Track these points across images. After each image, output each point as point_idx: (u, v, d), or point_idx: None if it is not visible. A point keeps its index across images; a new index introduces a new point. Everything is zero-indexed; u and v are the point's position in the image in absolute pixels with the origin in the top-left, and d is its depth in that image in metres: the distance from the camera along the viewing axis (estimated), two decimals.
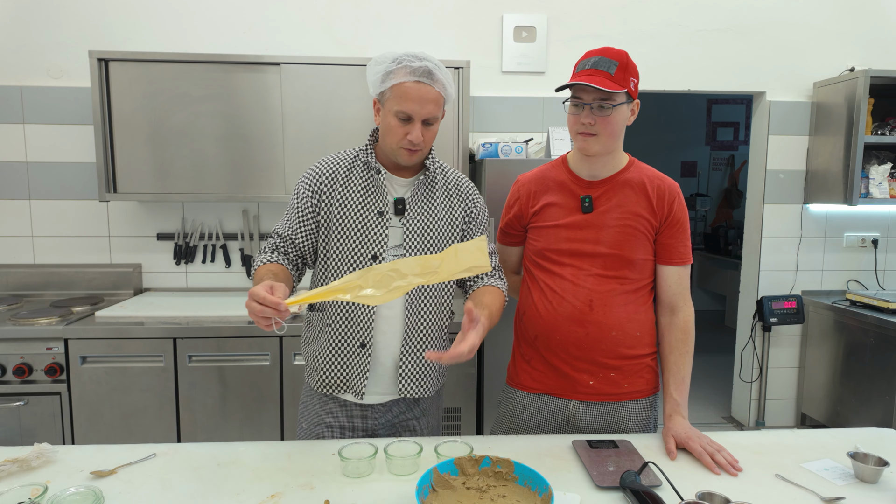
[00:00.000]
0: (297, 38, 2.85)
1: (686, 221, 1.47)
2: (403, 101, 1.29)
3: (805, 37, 3.11)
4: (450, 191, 1.48)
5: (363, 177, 1.41)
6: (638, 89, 1.40)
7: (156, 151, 2.54)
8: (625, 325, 1.43)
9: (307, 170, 1.45)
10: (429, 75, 1.30)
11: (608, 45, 1.43)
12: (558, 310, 1.44)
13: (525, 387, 1.52)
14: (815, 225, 3.25)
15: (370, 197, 1.40)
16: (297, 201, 1.43)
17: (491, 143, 2.59)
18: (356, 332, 1.39)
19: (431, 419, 1.54)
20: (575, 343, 1.43)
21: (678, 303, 1.46)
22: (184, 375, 2.34)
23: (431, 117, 1.32)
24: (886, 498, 1.10)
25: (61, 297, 2.78)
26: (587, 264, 1.44)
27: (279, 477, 1.16)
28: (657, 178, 1.47)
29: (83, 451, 1.26)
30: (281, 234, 1.44)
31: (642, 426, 1.49)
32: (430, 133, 1.35)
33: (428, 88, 1.30)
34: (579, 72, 1.38)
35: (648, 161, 1.55)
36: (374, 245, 1.38)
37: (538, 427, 1.51)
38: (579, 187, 1.47)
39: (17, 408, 2.27)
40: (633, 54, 3.29)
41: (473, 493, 1.03)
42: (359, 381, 1.40)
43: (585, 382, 1.45)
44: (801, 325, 3.28)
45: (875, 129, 3.01)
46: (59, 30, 2.75)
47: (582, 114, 1.37)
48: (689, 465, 1.24)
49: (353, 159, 1.44)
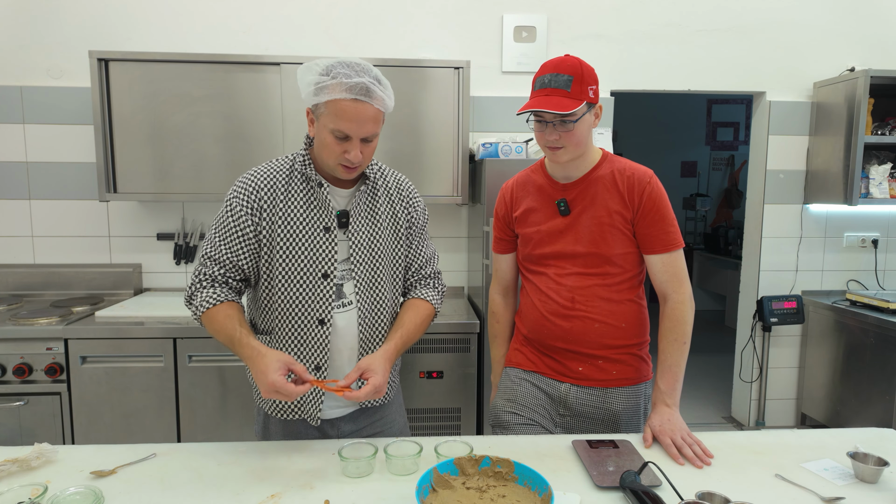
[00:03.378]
0: (296, 39, 2.85)
1: (663, 207, 1.45)
2: (339, 121, 1.20)
3: (805, 37, 3.11)
4: (391, 196, 1.43)
5: (303, 189, 1.33)
6: (598, 93, 1.42)
7: (156, 151, 2.54)
8: (608, 317, 1.48)
9: (238, 183, 1.32)
10: (366, 93, 1.20)
11: (565, 55, 1.43)
12: (545, 307, 1.51)
13: (521, 365, 1.60)
14: (815, 225, 3.25)
15: (314, 211, 1.32)
16: (234, 219, 1.30)
17: (491, 143, 2.59)
18: (309, 355, 1.34)
19: (398, 418, 1.53)
20: (561, 336, 1.50)
21: (667, 291, 1.48)
22: (184, 375, 2.34)
23: (371, 135, 1.25)
24: (886, 498, 1.10)
25: (61, 297, 2.78)
26: (568, 264, 1.49)
27: (279, 477, 1.16)
28: (627, 170, 1.48)
29: (83, 451, 1.26)
30: (219, 260, 1.31)
31: (632, 411, 1.53)
32: (368, 149, 1.27)
33: (366, 107, 1.21)
34: (537, 91, 1.40)
35: (649, 161, 1.55)
36: (323, 263, 1.32)
37: (534, 399, 1.55)
38: (555, 190, 1.52)
39: (17, 408, 2.27)
40: (633, 54, 3.29)
41: (473, 493, 1.03)
42: (314, 406, 1.36)
43: (575, 368, 1.51)
44: (801, 325, 3.28)
45: (875, 129, 3.01)
46: (59, 30, 2.75)
47: (546, 130, 1.41)
48: (690, 466, 1.24)
49: (289, 170, 1.34)
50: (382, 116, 1.27)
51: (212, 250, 1.32)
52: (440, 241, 3.00)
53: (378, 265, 1.38)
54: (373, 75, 1.23)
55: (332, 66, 1.22)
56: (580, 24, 2.98)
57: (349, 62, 1.23)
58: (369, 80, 1.21)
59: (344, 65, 1.22)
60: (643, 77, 3.06)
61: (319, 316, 1.33)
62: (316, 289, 1.32)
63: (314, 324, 1.33)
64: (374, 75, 1.24)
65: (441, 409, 2.49)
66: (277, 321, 1.35)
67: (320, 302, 1.32)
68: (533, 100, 1.40)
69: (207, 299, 1.29)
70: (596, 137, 2.76)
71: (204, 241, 1.34)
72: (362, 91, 1.20)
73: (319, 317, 1.33)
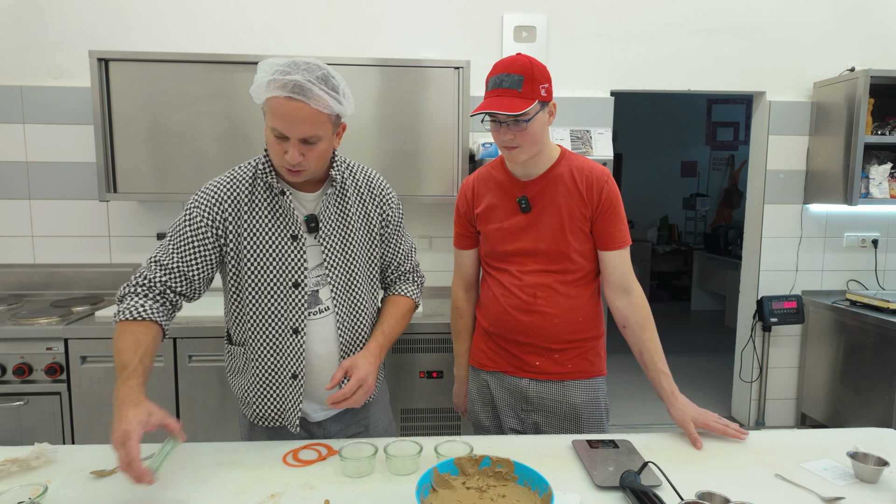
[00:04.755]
0: (297, 38, 2.85)
1: (619, 206, 1.52)
2: (274, 118, 1.18)
3: (805, 37, 3.11)
4: (362, 195, 1.39)
5: (267, 198, 1.30)
6: (552, 91, 1.44)
7: (156, 151, 2.54)
8: (567, 312, 1.53)
9: (199, 193, 1.29)
10: (300, 91, 1.15)
11: (517, 53, 1.44)
12: (507, 301, 1.55)
13: (483, 366, 1.65)
14: (815, 225, 3.25)
15: (279, 220, 1.30)
16: (192, 229, 1.26)
17: (491, 143, 2.58)
18: (286, 363, 1.33)
19: (383, 416, 1.53)
20: (523, 331, 1.54)
21: (629, 283, 1.53)
22: (184, 375, 2.33)
23: (311, 136, 1.19)
24: (886, 498, 1.10)
25: (61, 296, 2.78)
26: (530, 260, 1.53)
27: (279, 477, 1.16)
28: (586, 168, 1.51)
29: (83, 451, 1.26)
30: (167, 266, 1.25)
31: (592, 406, 1.58)
32: (313, 153, 1.21)
33: (299, 105, 1.16)
34: (490, 91, 1.42)
35: (649, 161, 1.57)
36: (293, 272, 1.30)
37: (501, 400, 1.62)
38: (516, 188, 1.54)
39: (17, 408, 2.27)
40: (633, 54, 3.29)
41: (473, 493, 1.03)
42: (292, 414, 1.35)
43: (532, 363, 1.56)
44: (801, 325, 3.28)
45: (875, 129, 3.01)
46: (59, 30, 2.75)
47: (501, 131, 1.42)
48: (690, 465, 1.24)
49: (252, 179, 1.30)
50: (330, 118, 1.22)
51: (162, 256, 1.26)
52: (440, 241, 3.00)
53: (353, 268, 1.36)
54: (317, 74, 1.18)
55: (281, 63, 1.19)
56: (580, 24, 2.98)
57: (298, 61, 1.19)
58: (306, 79, 1.16)
59: (291, 63, 1.18)
60: (643, 77, 3.06)
61: (293, 325, 1.31)
62: (287, 298, 1.31)
63: (288, 333, 1.31)
64: (318, 74, 1.18)
65: (441, 409, 2.49)
66: (250, 332, 1.33)
67: (293, 311, 1.31)
68: (485, 101, 1.41)
69: (133, 308, 1.21)
70: (596, 137, 2.76)
71: (156, 247, 1.30)
72: (296, 89, 1.15)
73: (293, 326, 1.31)
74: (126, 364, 1.16)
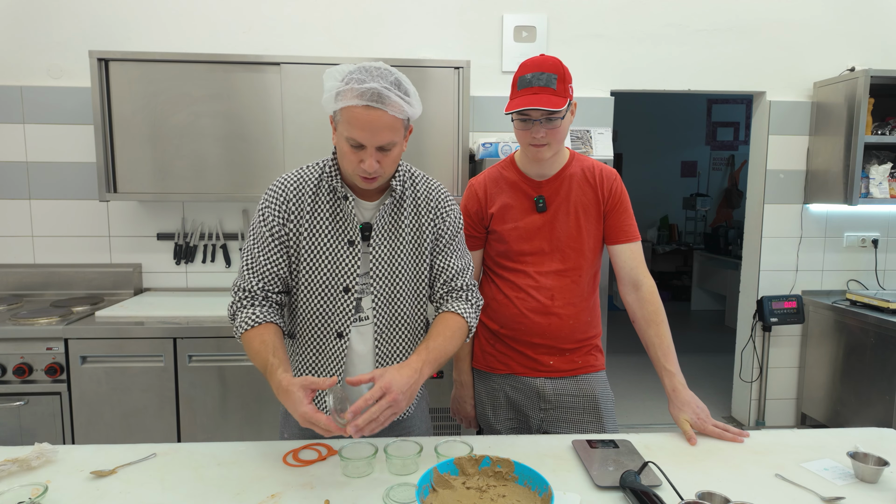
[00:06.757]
0: (297, 38, 2.85)
1: (628, 201, 1.58)
2: (352, 129, 1.15)
3: (805, 37, 3.11)
4: (419, 207, 1.36)
5: (330, 201, 1.30)
6: (573, 91, 1.47)
7: (156, 151, 2.54)
8: (580, 313, 1.57)
9: (268, 191, 1.31)
10: (379, 99, 1.13)
11: (541, 54, 1.47)
12: (524, 304, 1.56)
13: (494, 369, 1.63)
14: (815, 225, 3.25)
15: (339, 224, 1.30)
16: (268, 229, 1.28)
17: (491, 143, 2.59)
18: (327, 365, 1.34)
19: (421, 423, 1.50)
20: (539, 333, 1.56)
21: (639, 277, 1.54)
22: (184, 375, 2.33)
23: (387, 143, 1.18)
24: (886, 498, 1.10)
25: (61, 297, 2.78)
26: (547, 259, 1.55)
27: (279, 477, 1.16)
28: (596, 167, 1.57)
29: (83, 451, 1.26)
30: (258, 271, 1.29)
31: (607, 395, 1.62)
32: (388, 158, 1.21)
33: (379, 114, 1.14)
34: (523, 90, 1.42)
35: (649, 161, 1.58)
36: (345, 277, 1.30)
37: (515, 401, 1.62)
38: (531, 188, 1.56)
39: (17, 408, 2.27)
40: (634, 54, 3.30)
41: (473, 493, 1.03)
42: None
43: (546, 362, 1.58)
44: (801, 325, 3.28)
45: (875, 129, 3.01)
46: (59, 30, 2.75)
47: (532, 129, 1.43)
48: (689, 465, 1.23)
49: (318, 179, 1.31)
50: (404, 123, 1.21)
51: (251, 261, 1.30)
52: None
53: (397, 281, 1.34)
54: (390, 80, 1.17)
55: (349, 71, 1.18)
56: (580, 24, 2.98)
57: (368, 66, 1.18)
58: (383, 86, 1.14)
59: (362, 69, 1.17)
60: (643, 77, 3.06)
61: (338, 329, 1.32)
62: (337, 302, 1.31)
63: (333, 336, 1.32)
64: (391, 80, 1.17)
65: (441, 409, 2.49)
66: (299, 328, 1.36)
67: (340, 315, 1.31)
68: (521, 98, 1.41)
69: (246, 320, 1.27)
70: (596, 137, 2.76)
71: (242, 252, 1.33)
72: (374, 97, 1.13)
73: (338, 330, 1.32)
74: (265, 363, 1.21)
